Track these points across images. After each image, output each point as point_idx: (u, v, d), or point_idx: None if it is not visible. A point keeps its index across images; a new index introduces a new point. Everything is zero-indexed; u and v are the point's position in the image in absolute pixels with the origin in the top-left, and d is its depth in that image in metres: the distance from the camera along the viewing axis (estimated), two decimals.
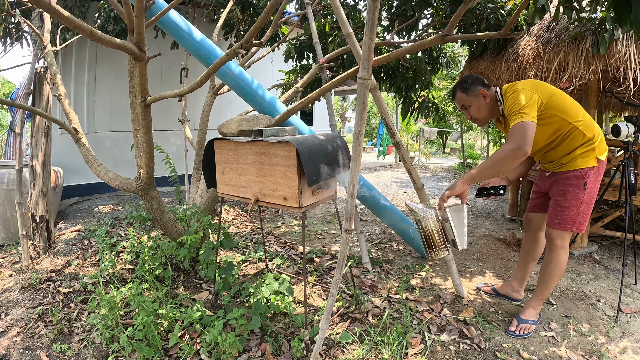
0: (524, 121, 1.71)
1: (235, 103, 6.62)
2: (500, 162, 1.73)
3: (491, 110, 2.00)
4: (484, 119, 2.03)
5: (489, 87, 2.00)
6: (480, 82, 1.99)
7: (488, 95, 1.96)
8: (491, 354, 1.85)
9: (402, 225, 3.02)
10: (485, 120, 2.05)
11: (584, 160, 1.87)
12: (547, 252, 2.01)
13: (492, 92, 1.98)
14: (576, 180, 1.89)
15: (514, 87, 1.87)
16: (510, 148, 1.70)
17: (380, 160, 11.98)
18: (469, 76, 2.03)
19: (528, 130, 1.69)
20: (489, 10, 3.44)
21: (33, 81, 3.30)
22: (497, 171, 1.76)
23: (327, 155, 1.82)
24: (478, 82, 1.98)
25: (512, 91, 1.85)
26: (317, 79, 4.15)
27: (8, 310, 2.25)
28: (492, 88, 2.00)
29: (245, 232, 3.76)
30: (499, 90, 1.97)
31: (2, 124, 10.83)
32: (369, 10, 1.16)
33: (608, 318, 2.21)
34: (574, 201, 1.89)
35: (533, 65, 3.23)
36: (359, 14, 4.20)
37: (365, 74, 1.25)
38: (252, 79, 2.52)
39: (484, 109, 1.99)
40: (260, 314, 1.98)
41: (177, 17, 2.36)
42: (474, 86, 1.97)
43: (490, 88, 1.99)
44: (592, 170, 1.87)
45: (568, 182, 1.91)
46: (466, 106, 2.02)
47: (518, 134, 1.70)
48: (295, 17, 4.28)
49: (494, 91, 1.98)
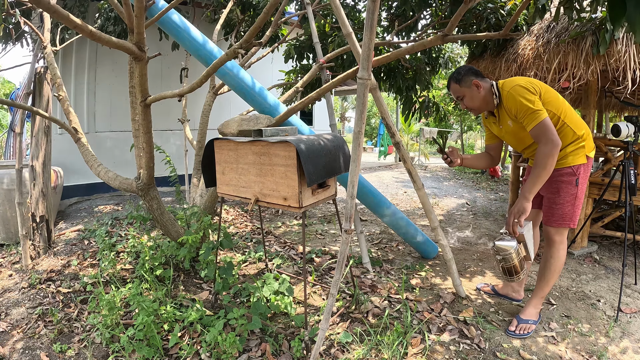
0: (543, 119, 1.77)
1: (235, 103, 6.62)
2: (548, 165, 1.76)
3: (485, 101, 2.02)
4: (478, 108, 2.06)
5: (483, 77, 2.01)
6: (473, 73, 2.01)
7: (481, 85, 1.98)
8: (491, 354, 1.85)
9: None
10: (479, 110, 2.08)
11: (575, 157, 1.92)
12: (546, 248, 2.03)
13: (486, 84, 1.99)
14: (568, 177, 1.93)
15: (514, 86, 1.87)
16: (549, 149, 1.74)
17: (380, 160, 11.98)
18: (461, 67, 2.06)
19: (550, 126, 1.77)
20: (488, 10, 3.44)
21: (33, 81, 3.30)
22: (548, 174, 1.78)
23: (327, 155, 1.82)
24: (470, 73, 2.01)
25: (514, 91, 1.85)
26: (317, 79, 4.15)
27: (8, 310, 2.25)
28: (487, 80, 2.01)
29: (245, 232, 3.76)
30: (495, 84, 1.99)
31: (2, 124, 10.83)
32: (368, 10, 1.16)
33: (608, 318, 2.21)
34: (567, 197, 1.93)
35: (533, 65, 3.23)
36: (358, 14, 4.21)
37: (365, 74, 1.25)
38: (252, 79, 2.52)
39: (477, 98, 2.01)
40: (260, 314, 1.98)
41: (177, 17, 2.36)
42: (466, 77, 2.00)
43: (484, 79, 2.01)
44: (583, 167, 1.93)
45: (561, 180, 1.94)
46: (460, 96, 2.06)
47: (546, 132, 1.76)
48: (295, 17, 4.28)
49: (489, 84, 2.00)
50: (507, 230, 1.84)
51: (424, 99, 4.39)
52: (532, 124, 1.79)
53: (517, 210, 1.80)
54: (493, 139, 2.24)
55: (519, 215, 1.80)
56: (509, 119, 1.98)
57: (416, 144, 13.73)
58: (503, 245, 1.82)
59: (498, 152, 2.26)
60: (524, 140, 2.04)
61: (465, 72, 2.02)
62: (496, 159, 2.26)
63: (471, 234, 3.86)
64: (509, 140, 2.13)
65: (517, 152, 4.43)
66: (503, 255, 1.82)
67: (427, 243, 3.07)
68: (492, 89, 1.98)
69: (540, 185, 1.80)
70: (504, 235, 1.86)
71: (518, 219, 1.80)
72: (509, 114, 1.94)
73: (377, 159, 12.44)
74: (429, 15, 3.99)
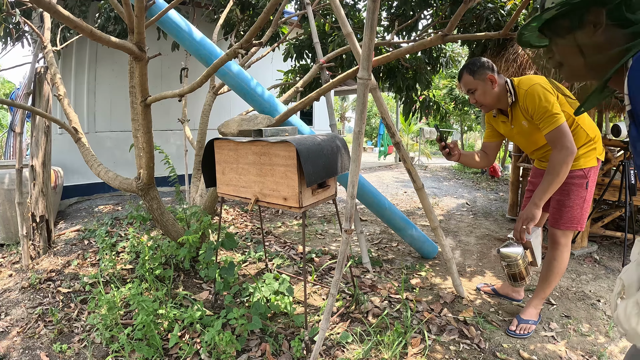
0: (561, 124, 1.71)
1: (235, 103, 6.62)
2: (562, 172, 1.70)
3: (497, 98, 1.92)
4: (489, 105, 1.95)
5: (498, 73, 1.92)
6: (489, 67, 1.90)
7: (496, 81, 1.88)
8: (491, 353, 1.85)
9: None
10: (490, 107, 1.97)
11: (586, 160, 1.88)
12: (550, 250, 2.01)
13: (501, 80, 1.90)
14: (579, 180, 1.90)
15: (533, 85, 1.79)
16: (563, 156, 1.69)
17: (381, 160, 11.98)
18: (477, 59, 1.94)
19: (567, 132, 1.71)
20: (488, 10, 3.44)
21: (33, 81, 3.30)
22: (561, 181, 1.73)
23: (327, 155, 1.82)
24: (486, 66, 1.90)
25: (533, 91, 1.77)
26: (316, 79, 4.15)
27: (8, 310, 2.25)
28: (501, 76, 1.92)
29: (245, 232, 3.76)
30: (509, 81, 1.89)
31: (2, 124, 10.82)
32: (368, 10, 1.16)
33: (608, 318, 2.21)
34: (577, 200, 1.90)
35: (533, 65, 3.23)
36: (358, 13, 4.21)
37: (365, 73, 1.25)
38: (252, 79, 2.52)
39: (490, 94, 1.91)
40: (260, 314, 1.98)
41: (177, 17, 2.36)
42: (481, 69, 1.89)
43: (499, 75, 1.91)
44: (593, 169, 1.90)
45: (572, 182, 1.90)
46: (472, 90, 1.93)
47: (562, 138, 1.70)
48: (295, 17, 4.28)
49: (503, 80, 1.90)
50: (515, 236, 1.79)
51: (424, 99, 4.40)
52: (549, 128, 1.73)
53: (525, 216, 1.75)
54: (493, 138, 2.16)
55: (527, 222, 1.74)
56: (523, 119, 1.89)
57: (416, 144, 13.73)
58: (508, 252, 1.78)
59: (495, 152, 2.17)
60: (536, 142, 1.98)
61: (481, 65, 1.90)
62: (491, 158, 2.17)
63: (471, 234, 3.86)
64: (519, 141, 2.05)
65: (517, 152, 4.44)
66: (508, 261, 1.79)
67: (427, 243, 3.07)
68: (507, 87, 1.89)
69: (552, 192, 1.75)
70: (511, 241, 1.81)
71: (526, 225, 1.74)
72: (524, 114, 1.86)
73: (377, 159, 12.44)
74: (430, 15, 3.99)
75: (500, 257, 1.81)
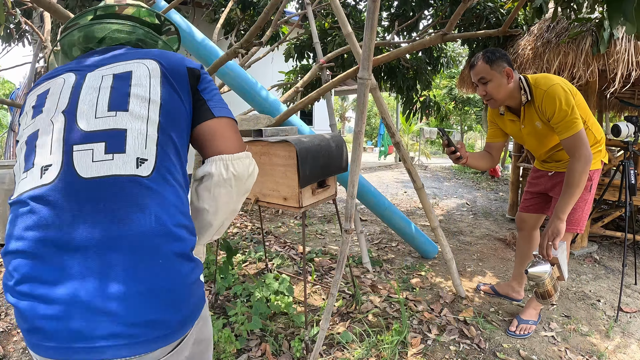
0: (579, 130, 1.64)
1: (235, 103, 6.59)
2: (582, 182, 1.64)
3: (510, 95, 1.81)
4: (500, 100, 1.83)
5: (514, 69, 1.81)
6: (508, 60, 1.79)
7: (512, 76, 1.77)
8: (491, 353, 1.85)
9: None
10: (500, 102, 1.85)
11: (593, 162, 1.82)
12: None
13: (516, 76, 1.79)
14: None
15: (552, 85, 1.69)
16: (582, 165, 1.63)
17: (381, 160, 11.98)
18: (496, 49, 1.82)
19: (585, 139, 1.65)
20: (488, 10, 3.45)
21: (33, 81, 3.30)
22: (580, 191, 1.67)
23: (327, 156, 1.82)
24: (506, 59, 1.78)
25: (553, 92, 1.68)
26: (317, 78, 4.15)
27: (8, 310, 2.25)
28: (516, 72, 1.81)
29: (245, 232, 3.76)
30: (523, 78, 1.79)
31: (2, 124, 10.83)
32: (369, 10, 1.16)
33: (608, 318, 2.21)
34: (580, 203, 1.85)
35: (533, 65, 3.23)
36: (359, 14, 4.21)
37: (365, 73, 1.25)
38: (252, 79, 2.52)
39: (504, 89, 1.79)
40: (260, 314, 1.98)
41: (177, 17, 2.36)
42: (500, 60, 1.76)
43: (515, 71, 1.80)
44: (597, 172, 1.88)
45: None
46: (485, 80, 1.79)
47: (580, 146, 1.64)
48: (296, 17, 4.28)
49: (517, 77, 1.80)
50: (541, 253, 1.72)
51: (424, 99, 4.40)
52: (568, 133, 1.65)
53: (551, 232, 1.67)
54: (498, 137, 2.07)
55: (553, 238, 1.66)
56: (538, 119, 1.80)
57: (416, 144, 13.72)
58: (537, 272, 1.68)
59: (499, 152, 2.10)
60: (548, 144, 1.90)
61: (501, 55, 1.77)
62: (496, 159, 2.09)
63: (471, 234, 3.87)
64: (529, 142, 1.97)
65: (517, 152, 4.44)
66: (537, 281, 1.71)
67: (427, 243, 3.07)
68: (520, 84, 1.79)
69: (573, 204, 1.68)
70: (538, 259, 1.73)
71: (552, 241, 1.67)
72: (540, 115, 1.76)
73: (377, 159, 12.44)
74: (430, 15, 4.00)
75: (528, 277, 1.72)
